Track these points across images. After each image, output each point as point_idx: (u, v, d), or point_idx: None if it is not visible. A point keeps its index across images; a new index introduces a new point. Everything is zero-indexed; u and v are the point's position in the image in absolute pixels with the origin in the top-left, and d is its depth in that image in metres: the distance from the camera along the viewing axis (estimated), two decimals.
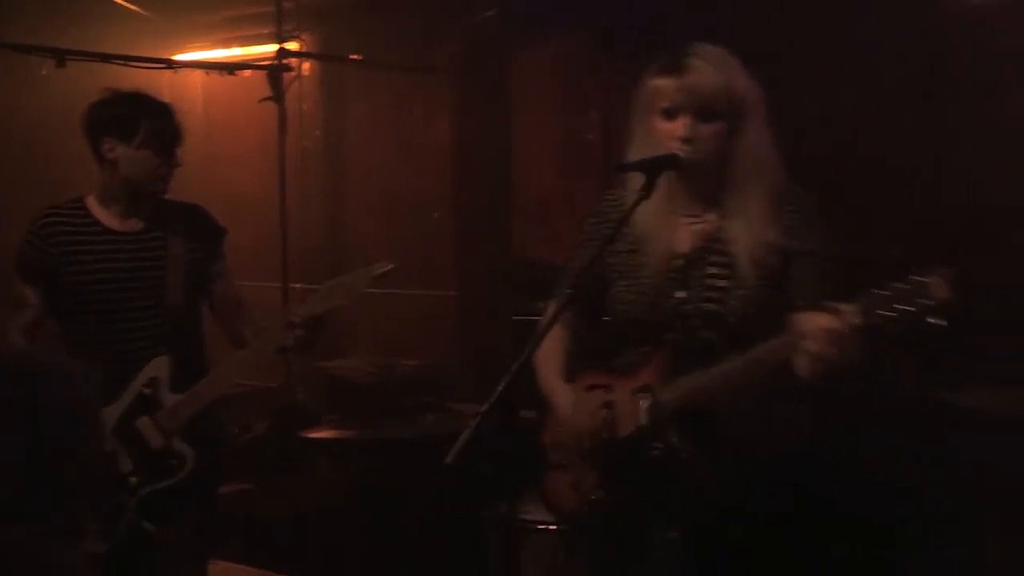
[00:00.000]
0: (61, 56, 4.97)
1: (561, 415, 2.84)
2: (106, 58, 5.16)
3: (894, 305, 2.21)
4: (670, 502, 2.67)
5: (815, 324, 2.30)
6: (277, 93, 5.55)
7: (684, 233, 2.71)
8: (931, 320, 2.17)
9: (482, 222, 5.72)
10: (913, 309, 2.19)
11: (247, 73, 5.82)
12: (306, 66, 6.17)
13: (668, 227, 2.71)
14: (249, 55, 6.35)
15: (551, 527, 3.88)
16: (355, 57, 5.96)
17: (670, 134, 2.61)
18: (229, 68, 5.85)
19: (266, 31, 5.90)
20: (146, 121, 3.32)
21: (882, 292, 2.23)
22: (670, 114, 2.62)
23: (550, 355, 2.90)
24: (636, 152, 2.68)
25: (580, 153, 5.39)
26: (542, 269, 4.93)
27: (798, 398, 2.62)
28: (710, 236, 2.67)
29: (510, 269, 5.37)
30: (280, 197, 5.62)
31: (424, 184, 5.89)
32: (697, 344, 2.60)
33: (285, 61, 5.64)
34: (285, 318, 3.25)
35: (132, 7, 6.17)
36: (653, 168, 2.60)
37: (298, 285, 5.50)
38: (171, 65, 5.65)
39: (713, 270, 2.63)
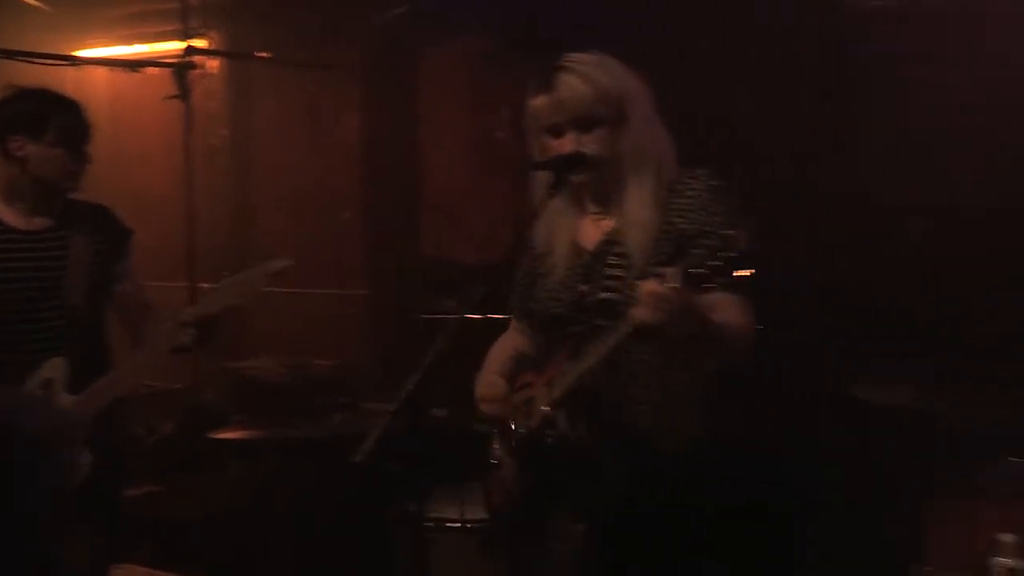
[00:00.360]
0: None
1: (479, 392, 2.92)
2: (8, 54, 5.05)
3: (706, 262, 2.27)
4: (569, 490, 2.73)
5: (642, 291, 2.37)
6: (183, 91, 5.48)
7: (590, 230, 2.78)
8: (737, 273, 2.24)
9: (391, 220, 5.72)
10: (721, 263, 2.25)
11: (153, 70, 5.74)
12: (213, 63, 6.11)
13: (575, 226, 2.79)
14: (155, 52, 6.27)
15: (462, 525, 3.91)
16: (262, 55, 5.91)
17: (560, 150, 2.68)
18: (133, 65, 5.76)
19: (171, 28, 5.83)
20: (56, 118, 3.28)
21: (696, 251, 2.31)
22: (555, 132, 2.69)
23: (495, 361, 3.01)
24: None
25: (490, 151, 5.41)
26: (452, 267, 4.96)
27: (696, 386, 2.68)
28: (612, 231, 2.73)
29: (420, 268, 5.38)
30: (186, 195, 5.56)
31: (333, 182, 5.86)
32: (596, 334, 2.64)
33: (191, 59, 5.58)
34: (179, 318, 3.23)
35: (31, 1, 6.06)
36: (561, 167, 2.66)
37: (206, 284, 5.45)
38: (74, 62, 5.56)
39: (613, 260, 2.70)
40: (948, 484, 3.92)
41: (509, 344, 3.03)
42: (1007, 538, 2.65)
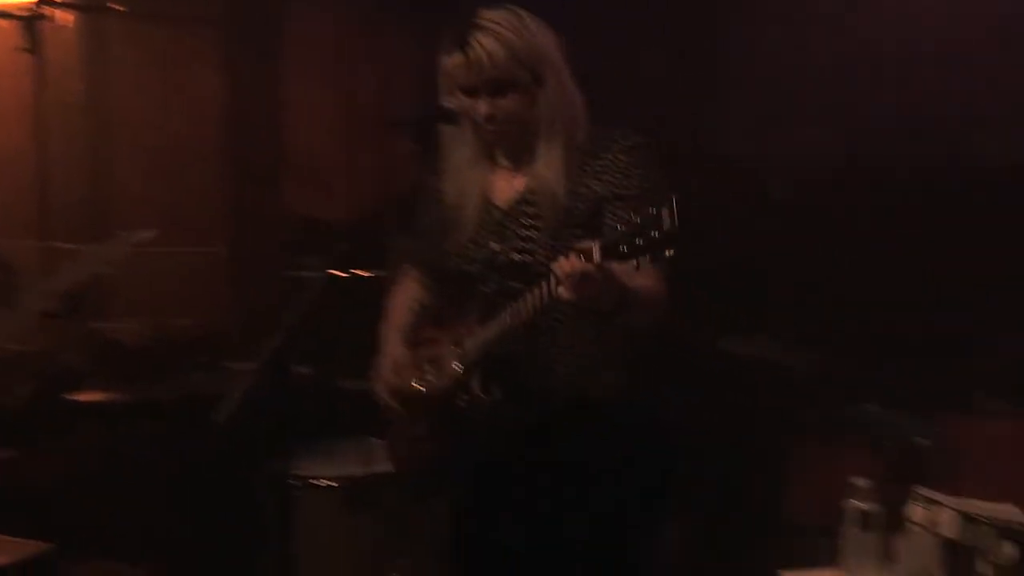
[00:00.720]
0: None
1: (385, 371, 2.87)
2: None
3: (632, 240, 2.27)
4: (478, 450, 2.76)
5: (562, 267, 2.36)
6: (34, 44, 5.29)
7: (502, 186, 2.76)
8: (666, 252, 2.25)
9: (254, 179, 5.63)
10: (644, 243, 2.26)
11: (1, 22, 5.53)
12: (66, 16, 5.91)
13: (486, 181, 2.76)
14: (3, 3, 6.03)
15: (329, 484, 3.89)
16: (116, 7, 5.74)
17: (473, 111, 2.65)
18: None
19: None
20: None
21: (620, 228, 2.30)
22: (469, 92, 2.64)
23: (396, 312, 2.96)
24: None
25: (355, 110, 5.36)
26: (316, 225, 4.91)
27: (610, 347, 2.70)
28: (525, 189, 2.71)
29: (283, 226, 5.32)
30: (38, 152, 5.39)
31: (193, 139, 5.74)
32: (507, 295, 2.63)
33: (42, 10, 5.39)
34: (45, 284, 3.15)
35: None
36: (427, 123, 2.65)
37: (61, 244, 5.30)
38: None
39: (526, 221, 2.68)
40: (807, 431, 4.04)
41: (409, 297, 2.98)
42: (860, 482, 2.72)
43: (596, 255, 2.30)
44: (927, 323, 4.12)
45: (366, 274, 4.05)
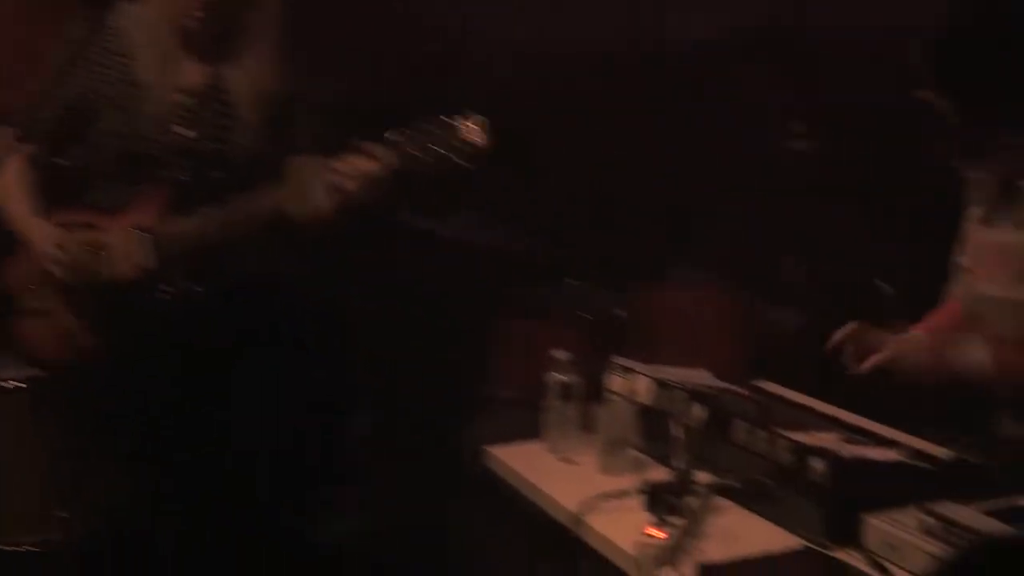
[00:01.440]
0: None
1: (39, 254, 2.67)
2: None
3: (426, 145, 2.27)
4: (175, 344, 2.64)
5: (355, 166, 2.34)
6: None
7: (192, 72, 2.65)
8: (459, 162, 2.25)
9: None
10: (443, 151, 2.25)
11: None
12: None
13: (174, 64, 2.64)
14: None
15: (17, 385, 3.69)
16: None
17: None
18: None
19: None
20: None
21: (411, 132, 2.29)
22: None
23: (16, 189, 2.74)
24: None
25: None
26: None
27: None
28: (219, 77, 2.64)
29: None
30: None
31: None
32: (201, 184, 2.58)
33: None
34: None
35: None
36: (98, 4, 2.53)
37: None
38: None
39: (221, 109, 2.62)
40: (509, 307, 4.10)
41: (24, 181, 2.76)
42: (561, 355, 2.77)
43: (390, 158, 2.29)
44: (622, 198, 4.23)
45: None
